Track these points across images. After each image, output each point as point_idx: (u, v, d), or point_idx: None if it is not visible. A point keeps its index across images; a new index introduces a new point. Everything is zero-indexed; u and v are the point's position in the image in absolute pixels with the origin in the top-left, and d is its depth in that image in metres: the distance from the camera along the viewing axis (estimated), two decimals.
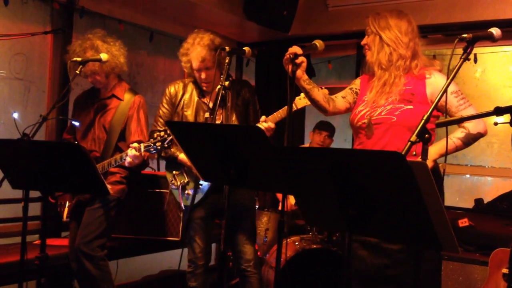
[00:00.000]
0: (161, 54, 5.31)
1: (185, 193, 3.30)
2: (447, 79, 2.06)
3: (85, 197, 3.36)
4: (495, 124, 2.72)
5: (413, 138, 1.89)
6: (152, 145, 3.05)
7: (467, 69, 5.36)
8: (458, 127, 2.53)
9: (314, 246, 4.02)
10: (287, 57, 2.52)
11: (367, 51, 2.70)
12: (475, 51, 2.35)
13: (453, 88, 2.50)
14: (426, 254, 2.36)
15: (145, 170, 4.00)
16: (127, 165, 3.19)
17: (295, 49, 2.53)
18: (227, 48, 2.89)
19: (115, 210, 3.39)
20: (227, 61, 2.80)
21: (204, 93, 3.35)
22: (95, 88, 3.50)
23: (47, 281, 3.72)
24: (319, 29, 5.14)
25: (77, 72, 3.15)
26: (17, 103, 4.13)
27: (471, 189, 5.55)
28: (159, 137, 3.03)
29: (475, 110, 2.52)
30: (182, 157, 3.26)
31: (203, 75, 3.25)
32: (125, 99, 3.42)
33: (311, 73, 5.54)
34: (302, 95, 3.10)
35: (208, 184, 3.25)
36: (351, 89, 2.86)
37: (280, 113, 3.18)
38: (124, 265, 4.11)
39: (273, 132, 3.18)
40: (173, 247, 4.18)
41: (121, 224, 3.94)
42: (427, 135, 1.91)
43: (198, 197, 3.27)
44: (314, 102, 2.76)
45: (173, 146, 3.10)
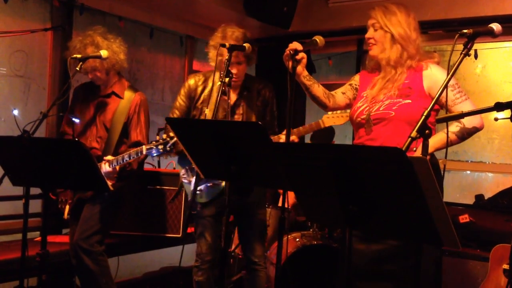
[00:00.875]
0: (161, 50, 5.30)
1: (198, 188, 3.26)
2: (447, 75, 2.06)
3: (86, 194, 3.36)
4: (496, 119, 2.71)
5: (414, 133, 1.89)
6: (154, 147, 3.05)
7: (468, 65, 5.35)
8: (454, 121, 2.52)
9: (314, 242, 4.02)
10: (287, 53, 2.52)
11: (372, 45, 2.67)
12: (476, 47, 2.34)
13: (450, 81, 2.49)
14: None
15: (146, 166, 4.02)
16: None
17: (295, 45, 2.52)
18: (227, 44, 2.88)
19: (114, 206, 3.39)
20: (227, 57, 2.80)
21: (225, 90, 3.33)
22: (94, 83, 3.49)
23: (48, 278, 3.73)
24: (319, 25, 5.14)
25: (77, 69, 3.15)
26: (17, 100, 4.13)
27: (472, 185, 5.55)
28: (161, 140, 3.04)
29: (471, 104, 2.50)
30: None
31: (234, 70, 3.15)
32: (125, 97, 3.42)
33: (312, 69, 5.53)
34: (330, 113, 3.08)
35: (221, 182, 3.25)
36: (350, 85, 2.86)
37: (306, 128, 3.17)
38: (125, 261, 4.12)
39: None
40: (174, 243, 4.19)
41: (122, 220, 3.95)
42: (427, 131, 1.90)
43: (213, 194, 3.27)
44: (314, 98, 2.76)
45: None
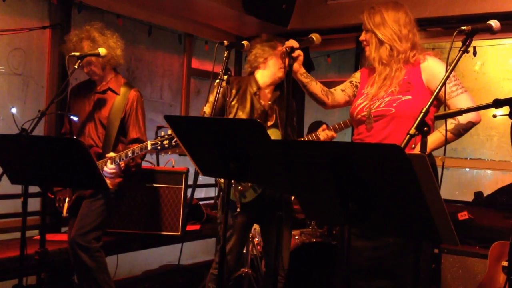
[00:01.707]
0: (160, 48, 5.30)
1: (238, 188, 3.24)
2: (446, 72, 2.06)
3: (85, 192, 3.36)
4: (494, 116, 2.71)
5: (412, 131, 1.89)
6: (159, 143, 3.05)
7: (467, 62, 5.35)
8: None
9: (313, 240, 4.02)
10: (283, 50, 2.52)
11: (366, 46, 2.69)
12: (475, 44, 2.34)
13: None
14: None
15: (144, 164, 4.02)
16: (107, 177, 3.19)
17: (292, 43, 2.53)
18: (226, 42, 2.88)
19: (112, 203, 3.39)
20: (225, 55, 2.80)
21: (259, 93, 3.37)
22: (91, 80, 3.49)
23: (47, 276, 3.73)
24: (318, 22, 5.13)
25: (76, 66, 3.15)
26: (15, 98, 4.12)
27: (471, 183, 5.55)
28: (166, 135, 3.03)
29: (469, 97, 2.49)
30: None
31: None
32: (121, 93, 3.42)
33: (310, 67, 5.53)
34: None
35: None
36: (351, 82, 2.85)
37: (341, 124, 3.34)
38: (124, 259, 4.12)
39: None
40: (173, 241, 4.19)
41: (121, 219, 3.95)
42: (426, 128, 1.90)
43: (250, 197, 3.26)
44: (312, 95, 2.76)
45: None
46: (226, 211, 2.47)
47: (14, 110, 4.05)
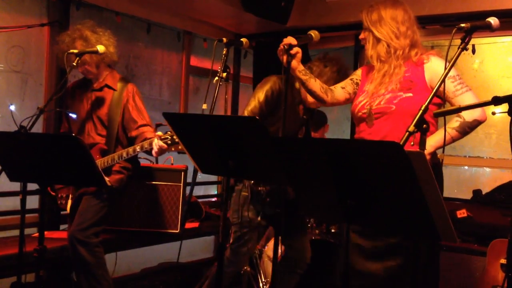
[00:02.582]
0: (158, 46, 5.29)
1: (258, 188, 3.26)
2: (445, 69, 2.06)
3: (89, 189, 3.35)
4: (493, 114, 2.70)
5: (411, 128, 1.89)
6: (169, 137, 3.04)
7: (465, 60, 5.35)
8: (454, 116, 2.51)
9: (312, 237, 4.02)
10: (281, 47, 2.52)
11: (365, 44, 2.70)
12: (474, 42, 2.34)
13: (450, 73, 2.48)
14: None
15: (144, 162, 4.01)
16: (154, 155, 3.14)
17: (290, 40, 2.52)
18: (224, 39, 2.88)
19: (112, 199, 3.39)
20: (224, 52, 2.79)
21: (298, 99, 3.43)
22: (86, 78, 3.49)
23: (46, 274, 3.73)
24: (317, 20, 5.12)
25: (74, 64, 3.15)
26: (14, 95, 4.11)
27: (469, 180, 5.55)
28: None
29: (473, 95, 2.48)
30: None
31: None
32: (118, 88, 3.43)
33: None
34: None
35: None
36: (351, 80, 2.85)
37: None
38: (123, 257, 4.11)
39: None
40: (172, 239, 4.18)
41: (120, 216, 3.94)
42: (425, 125, 1.90)
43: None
44: (311, 93, 2.75)
45: None
46: (225, 208, 2.47)
47: (12, 107, 4.04)
